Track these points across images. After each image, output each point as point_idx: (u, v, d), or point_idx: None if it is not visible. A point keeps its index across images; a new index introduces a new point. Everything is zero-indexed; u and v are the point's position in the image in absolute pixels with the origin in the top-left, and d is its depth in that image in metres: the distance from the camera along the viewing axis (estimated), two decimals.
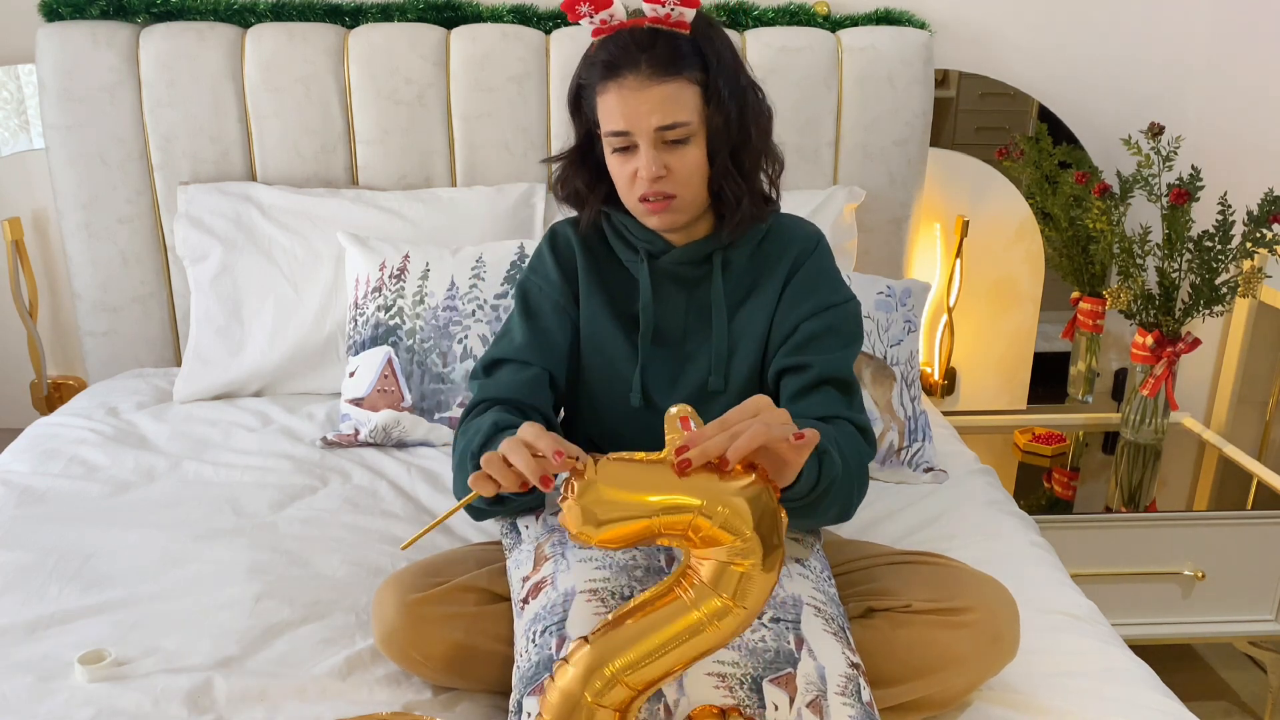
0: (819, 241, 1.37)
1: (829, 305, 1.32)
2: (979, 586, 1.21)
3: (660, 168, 1.22)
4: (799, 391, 1.28)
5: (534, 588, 1.15)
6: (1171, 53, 2.28)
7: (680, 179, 1.23)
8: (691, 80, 1.21)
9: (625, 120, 1.20)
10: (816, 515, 1.17)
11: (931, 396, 2.39)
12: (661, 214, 1.26)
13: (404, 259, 1.92)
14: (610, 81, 1.21)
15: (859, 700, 1.07)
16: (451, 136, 2.13)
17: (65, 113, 2.03)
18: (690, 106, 1.21)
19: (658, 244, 1.33)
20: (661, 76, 1.19)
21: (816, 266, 1.35)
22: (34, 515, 1.59)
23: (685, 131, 1.21)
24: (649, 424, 1.33)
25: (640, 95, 1.19)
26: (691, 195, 1.26)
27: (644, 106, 1.20)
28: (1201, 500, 2.09)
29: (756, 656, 1.06)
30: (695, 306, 1.35)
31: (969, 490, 1.77)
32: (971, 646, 1.17)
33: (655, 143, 1.21)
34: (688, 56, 1.21)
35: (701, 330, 1.35)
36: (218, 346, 2.01)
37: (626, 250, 1.36)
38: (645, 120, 1.20)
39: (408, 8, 2.13)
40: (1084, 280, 2.28)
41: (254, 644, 1.29)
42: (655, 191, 1.23)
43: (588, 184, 1.34)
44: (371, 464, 1.79)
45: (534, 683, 1.06)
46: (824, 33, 2.13)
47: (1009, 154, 2.29)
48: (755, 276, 1.35)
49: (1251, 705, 2.17)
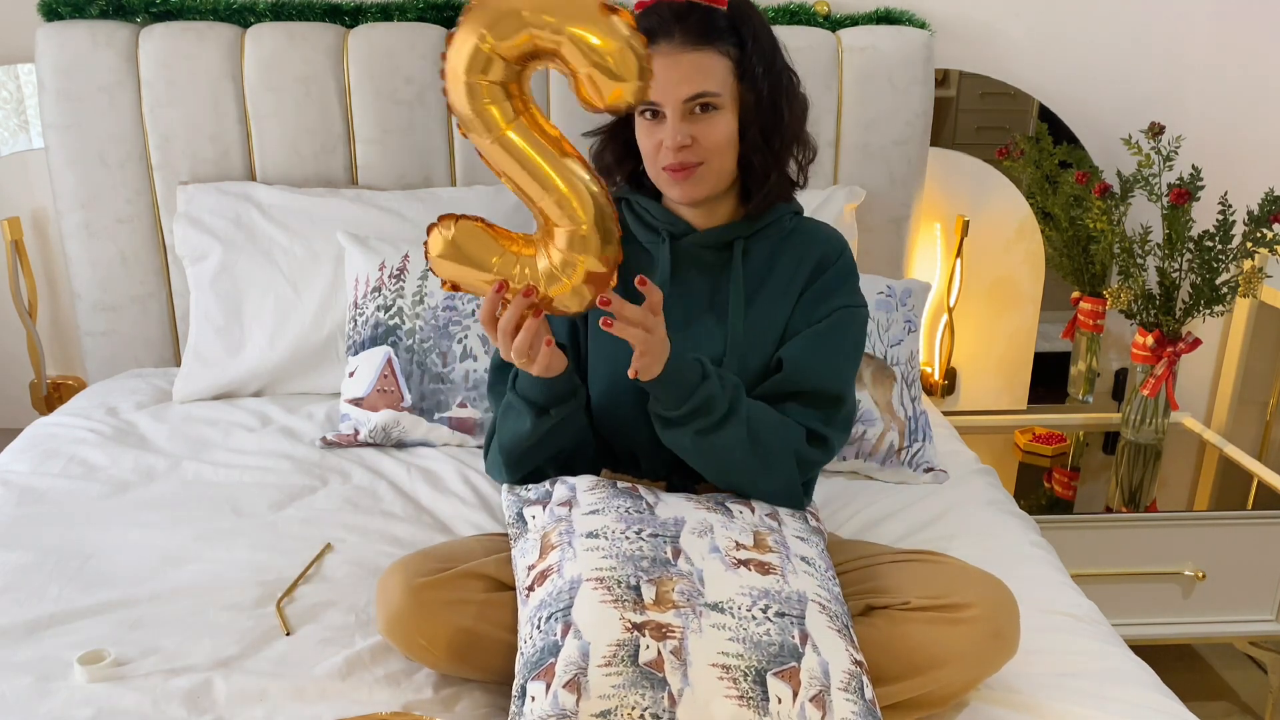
0: (844, 248, 1.39)
1: (841, 306, 1.34)
2: (978, 583, 1.21)
3: (686, 137, 1.24)
4: (775, 390, 1.32)
5: (540, 576, 1.15)
6: (1171, 53, 2.28)
7: (706, 148, 1.25)
8: (724, 53, 1.23)
9: (656, 91, 1.22)
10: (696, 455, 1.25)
11: (932, 396, 2.39)
12: (684, 183, 1.27)
13: (404, 259, 1.92)
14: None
15: (861, 697, 1.08)
16: (451, 136, 2.12)
17: (65, 112, 2.03)
18: (720, 78, 1.23)
19: (679, 226, 1.35)
20: (694, 45, 1.21)
21: (844, 269, 1.37)
22: (34, 515, 1.59)
23: (713, 101, 1.23)
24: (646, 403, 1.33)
25: (671, 62, 1.21)
26: (718, 165, 1.27)
27: (674, 74, 1.21)
28: (1202, 500, 2.09)
29: (761, 650, 1.07)
30: (710, 292, 1.36)
31: (969, 490, 1.77)
32: (971, 643, 1.17)
33: (683, 113, 1.23)
34: (723, 31, 1.23)
35: (711, 314, 1.35)
36: (217, 346, 2.01)
37: (647, 232, 1.38)
38: (674, 90, 1.22)
39: (408, 7, 2.13)
40: (1084, 280, 2.28)
41: (254, 644, 1.29)
42: (679, 161, 1.25)
43: (617, 158, 1.36)
44: (371, 464, 1.79)
45: (539, 668, 1.06)
46: (824, 32, 2.13)
47: (1009, 154, 2.29)
48: (773, 270, 1.36)
49: (1251, 705, 2.17)
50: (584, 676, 1.03)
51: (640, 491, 1.26)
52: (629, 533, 1.16)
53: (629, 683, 1.03)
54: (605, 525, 1.17)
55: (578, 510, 1.21)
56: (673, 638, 1.06)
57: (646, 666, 1.04)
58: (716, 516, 1.21)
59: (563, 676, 1.03)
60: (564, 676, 1.03)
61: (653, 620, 1.07)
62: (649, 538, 1.16)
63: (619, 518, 1.18)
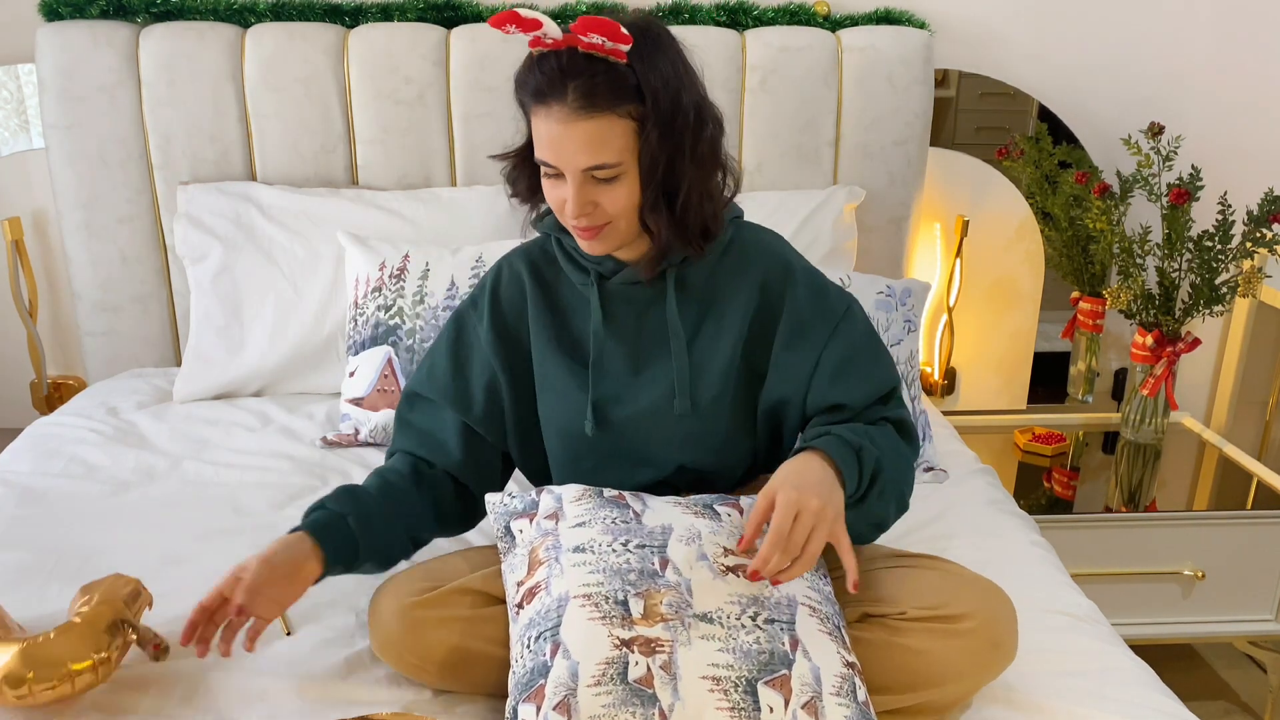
0: (787, 260, 1.29)
1: (835, 324, 1.26)
2: (976, 592, 1.20)
3: (588, 205, 1.16)
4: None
5: (528, 593, 1.15)
6: (1171, 53, 2.28)
7: (610, 212, 1.17)
8: (624, 114, 1.12)
9: (553, 155, 1.14)
10: (877, 507, 1.19)
11: (931, 396, 2.39)
12: (592, 242, 1.20)
13: (404, 259, 1.92)
14: (539, 107, 1.13)
15: (854, 700, 1.07)
16: (451, 136, 2.13)
17: (65, 112, 2.03)
18: (620, 145, 1.13)
19: (607, 263, 1.27)
20: (590, 111, 1.10)
21: (806, 289, 1.27)
22: (34, 515, 1.59)
23: (614, 172, 1.14)
24: (609, 451, 1.30)
25: (567, 130, 1.11)
26: (624, 226, 1.19)
27: (570, 144, 1.12)
28: (1201, 500, 2.09)
29: (751, 659, 1.06)
30: (650, 327, 1.28)
31: (969, 490, 1.77)
32: (969, 655, 1.16)
33: (583, 180, 1.14)
34: (621, 90, 1.11)
35: (657, 351, 1.28)
36: (218, 346, 2.01)
37: (577, 272, 1.29)
38: (572, 159, 1.13)
39: (408, 8, 2.13)
40: (1084, 280, 2.28)
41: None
42: (584, 224, 1.18)
43: (530, 187, 1.27)
44: (371, 464, 1.78)
45: (529, 689, 1.06)
46: (824, 32, 2.13)
47: (1009, 154, 2.29)
48: (714, 294, 1.28)
49: (1251, 705, 2.17)
50: (574, 698, 1.02)
51: (627, 499, 1.23)
52: (616, 545, 1.15)
53: (619, 701, 1.02)
54: (592, 538, 1.16)
55: (564, 523, 1.19)
56: (662, 652, 1.05)
57: (636, 683, 1.03)
58: (704, 522, 1.20)
59: (553, 698, 1.03)
60: (554, 698, 1.03)
61: (641, 635, 1.06)
62: (636, 549, 1.14)
63: (605, 529, 1.17)
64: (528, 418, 1.35)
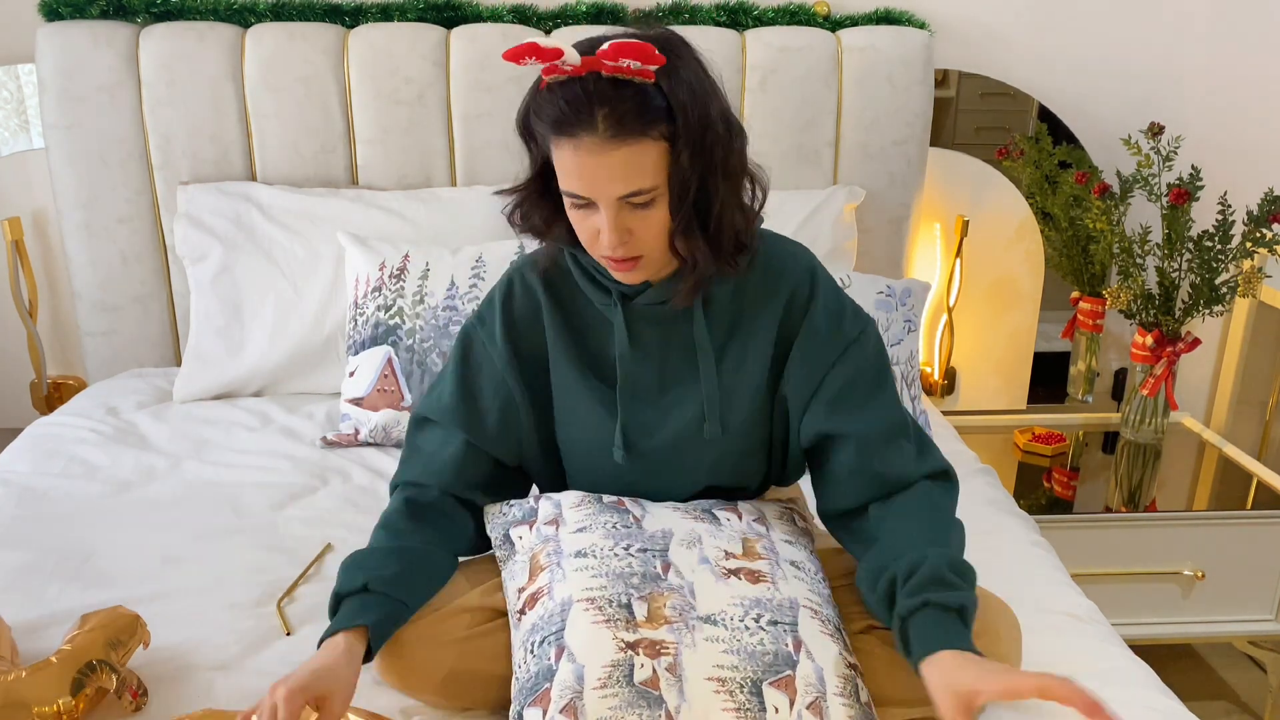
0: (814, 276, 1.24)
1: (845, 347, 1.23)
2: (980, 606, 1.17)
3: (624, 234, 1.10)
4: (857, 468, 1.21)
5: (530, 598, 1.15)
6: (1171, 53, 2.28)
7: (645, 241, 1.12)
8: (655, 137, 1.06)
9: (584, 186, 1.08)
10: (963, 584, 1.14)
11: (931, 396, 2.39)
12: (629, 273, 1.15)
13: (404, 259, 1.92)
14: (564, 138, 1.06)
15: (858, 701, 1.07)
16: (451, 136, 2.13)
17: (65, 112, 2.03)
18: (654, 169, 1.08)
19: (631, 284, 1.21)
20: (622, 138, 1.05)
21: (825, 310, 1.23)
22: (34, 515, 1.59)
23: (649, 196, 1.09)
24: (636, 477, 1.27)
25: (600, 160, 1.06)
26: (660, 253, 1.14)
27: (604, 173, 1.06)
28: (1201, 500, 2.09)
29: (755, 660, 1.06)
30: (676, 347, 1.24)
31: (969, 490, 1.76)
32: None
33: (617, 208, 1.09)
34: (652, 109, 1.06)
35: (684, 372, 1.24)
36: (218, 346, 2.01)
37: (598, 292, 1.23)
38: (606, 188, 1.07)
39: (408, 8, 2.13)
40: (1084, 280, 2.28)
41: (254, 644, 1.30)
42: (620, 255, 1.12)
43: (546, 220, 1.20)
44: (371, 464, 1.79)
45: (534, 693, 1.06)
46: (824, 33, 2.13)
47: (1009, 154, 2.29)
48: (741, 312, 1.24)
49: (1251, 705, 2.17)
50: (580, 700, 1.02)
51: (626, 505, 1.23)
52: (617, 549, 1.15)
53: (625, 703, 1.02)
54: (594, 543, 1.16)
55: (565, 529, 1.19)
56: (667, 654, 1.05)
57: (642, 685, 1.03)
58: (704, 526, 1.20)
59: (559, 701, 1.03)
60: (560, 701, 1.03)
61: (646, 638, 1.06)
62: (638, 553, 1.15)
63: (607, 534, 1.17)
64: (547, 434, 1.31)
